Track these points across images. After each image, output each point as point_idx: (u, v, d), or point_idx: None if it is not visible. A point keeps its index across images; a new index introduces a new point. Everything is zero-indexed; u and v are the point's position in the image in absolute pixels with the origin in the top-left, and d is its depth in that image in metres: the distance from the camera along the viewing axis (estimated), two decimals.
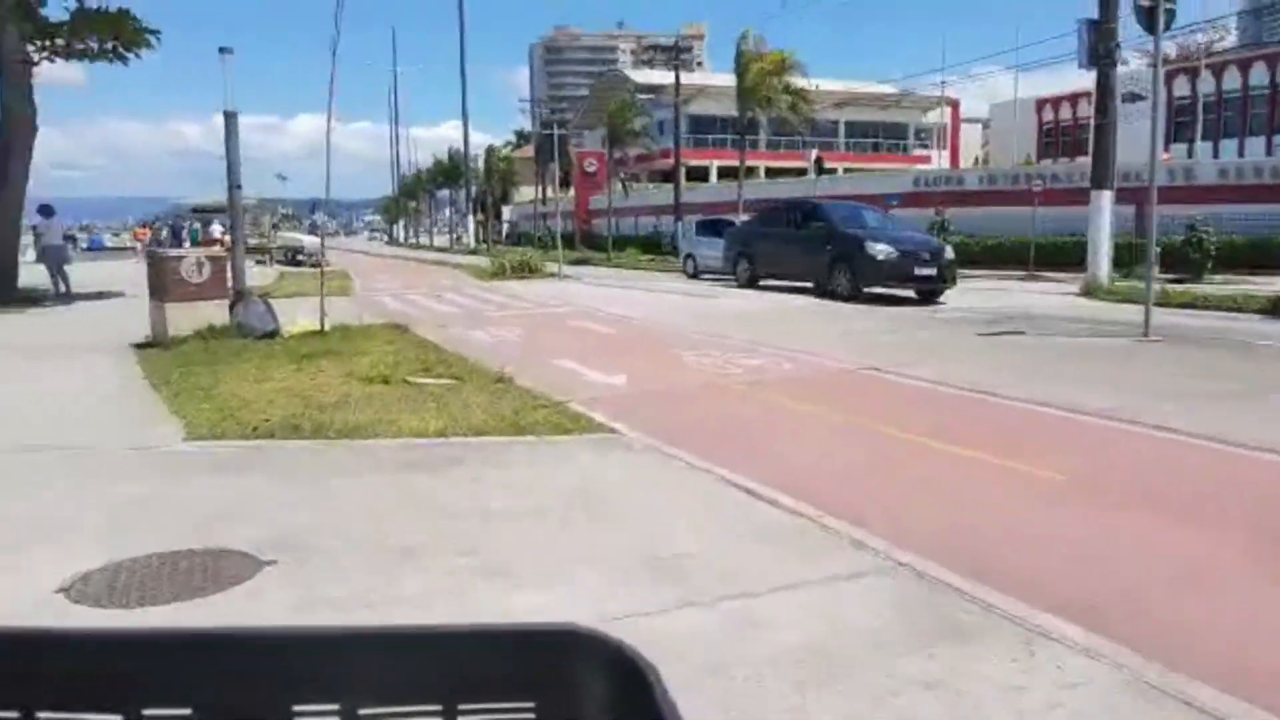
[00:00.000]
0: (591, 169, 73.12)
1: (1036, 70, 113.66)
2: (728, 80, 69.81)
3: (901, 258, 19.47)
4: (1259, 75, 55.45)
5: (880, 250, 19.48)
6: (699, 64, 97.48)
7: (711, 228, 30.38)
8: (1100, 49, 22.03)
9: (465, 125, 60.74)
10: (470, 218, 66.13)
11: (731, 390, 9.66)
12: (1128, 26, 20.37)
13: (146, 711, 0.72)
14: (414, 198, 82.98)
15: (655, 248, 58.78)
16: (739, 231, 26.40)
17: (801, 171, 65.35)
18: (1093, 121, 58.02)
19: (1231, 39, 65.94)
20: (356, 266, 38.99)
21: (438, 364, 10.55)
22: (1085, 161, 31.18)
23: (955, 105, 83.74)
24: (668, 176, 78.36)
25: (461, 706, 0.75)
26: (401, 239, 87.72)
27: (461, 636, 0.78)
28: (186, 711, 0.72)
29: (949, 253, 20.53)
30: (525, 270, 27.80)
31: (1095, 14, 21.50)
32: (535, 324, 16.31)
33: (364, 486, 5.96)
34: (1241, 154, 50.85)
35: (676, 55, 51.39)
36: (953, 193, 43.90)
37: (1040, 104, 74.61)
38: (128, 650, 0.75)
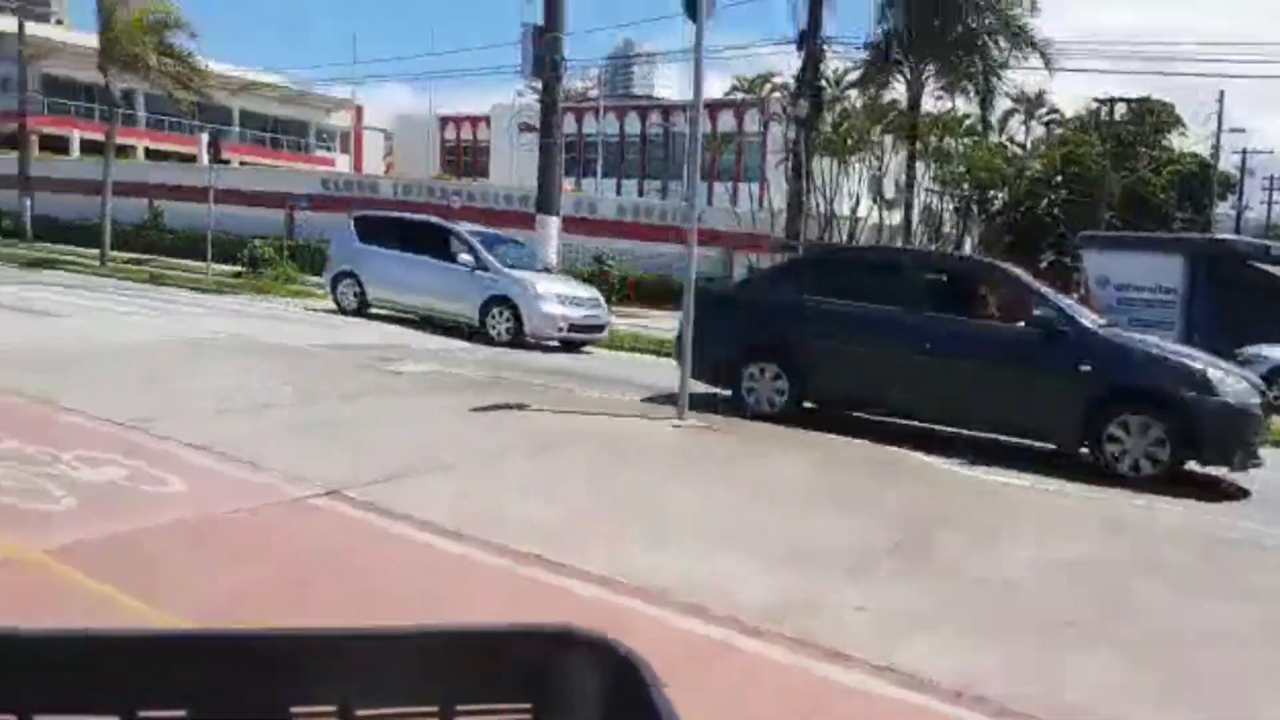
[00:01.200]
0: None
1: (445, 82, 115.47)
2: (94, 40, 58.99)
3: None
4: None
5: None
6: (58, 21, 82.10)
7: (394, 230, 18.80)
8: (547, 59, 19.68)
9: None
10: None
11: None
12: None
13: (142, 713, 0.70)
14: None
15: None
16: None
17: (189, 158, 57.14)
18: (491, 143, 56.98)
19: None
20: None
21: None
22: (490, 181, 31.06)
23: (359, 110, 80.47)
24: (10, 142, 64.18)
25: (459, 707, 0.73)
26: None
27: (458, 636, 0.76)
28: (182, 713, 0.70)
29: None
30: None
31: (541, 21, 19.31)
32: None
33: None
34: (619, 191, 54.57)
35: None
36: (365, 199, 40.62)
37: (444, 121, 74.60)
38: (124, 651, 0.73)
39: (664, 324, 17.82)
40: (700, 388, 10.09)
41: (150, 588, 3.97)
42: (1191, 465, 8.80)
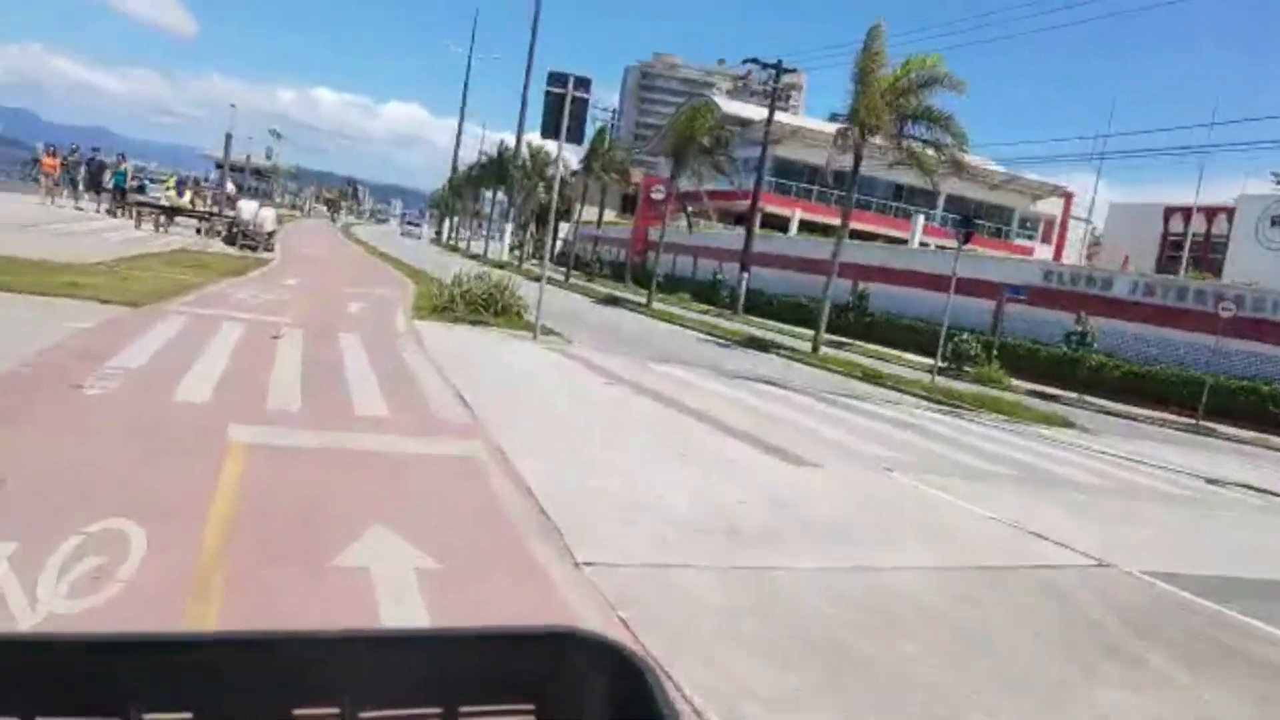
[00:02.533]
0: (658, 195, 62.72)
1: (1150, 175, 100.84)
2: (823, 126, 58.80)
3: None
4: None
5: None
6: (794, 109, 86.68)
7: None
8: None
9: (522, 113, 50.25)
10: (508, 224, 55.45)
11: None
12: None
13: (146, 715, 0.69)
14: (461, 196, 72.87)
15: (711, 297, 47.92)
16: None
17: (892, 239, 54.82)
18: (1233, 237, 44.28)
19: None
20: (302, 259, 28.52)
21: None
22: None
23: (1069, 197, 72.37)
24: (740, 220, 68.00)
25: (462, 709, 0.73)
26: (444, 238, 77.52)
27: (461, 638, 0.76)
28: (186, 716, 0.70)
29: None
30: (489, 309, 16.80)
31: None
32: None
33: None
34: None
35: (776, 78, 40.25)
36: (1095, 297, 32.91)
37: (1169, 212, 62.82)
38: (126, 654, 0.72)
39: None
40: None
41: None
42: None
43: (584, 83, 14.53)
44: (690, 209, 66.09)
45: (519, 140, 51.03)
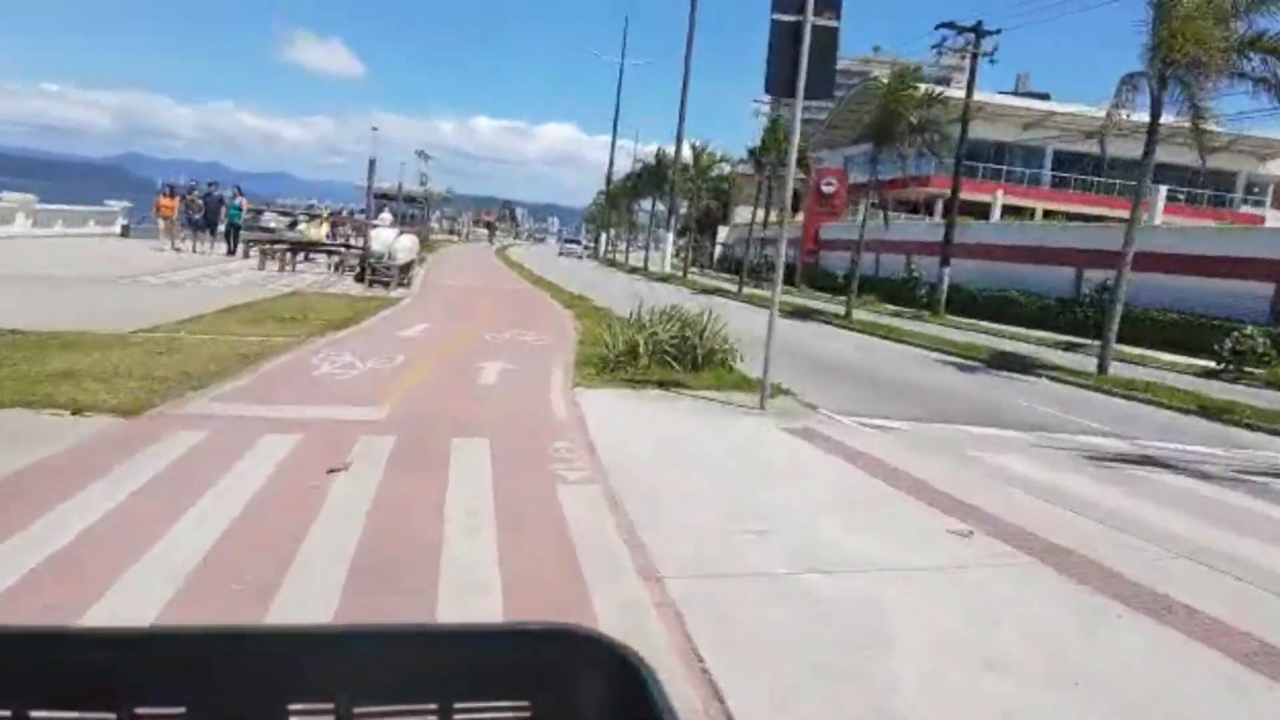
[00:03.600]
0: (829, 189, 56.14)
1: None
2: (1006, 101, 51.12)
3: None
4: None
5: None
6: (956, 86, 78.43)
7: None
8: None
9: (682, 114, 44.91)
10: (669, 234, 50.20)
11: None
12: None
13: (140, 710, 0.69)
14: (617, 207, 68.29)
15: (902, 296, 41.32)
16: None
17: (1101, 218, 46.73)
18: None
19: None
20: (442, 294, 23.89)
21: None
22: None
23: None
24: (915, 209, 60.63)
25: (457, 705, 0.71)
26: (602, 253, 73.16)
27: (457, 635, 0.75)
28: (180, 710, 0.69)
29: None
30: (684, 359, 11.14)
31: None
32: None
33: None
34: None
35: (976, 43, 33.42)
36: None
37: None
38: (121, 649, 0.70)
39: None
40: None
41: None
42: None
43: (831, 4, 8.68)
44: (872, 201, 59.44)
45: (679, 141, 45.82)
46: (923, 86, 26.61)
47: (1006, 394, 14.78)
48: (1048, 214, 51.41)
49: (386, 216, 56.64)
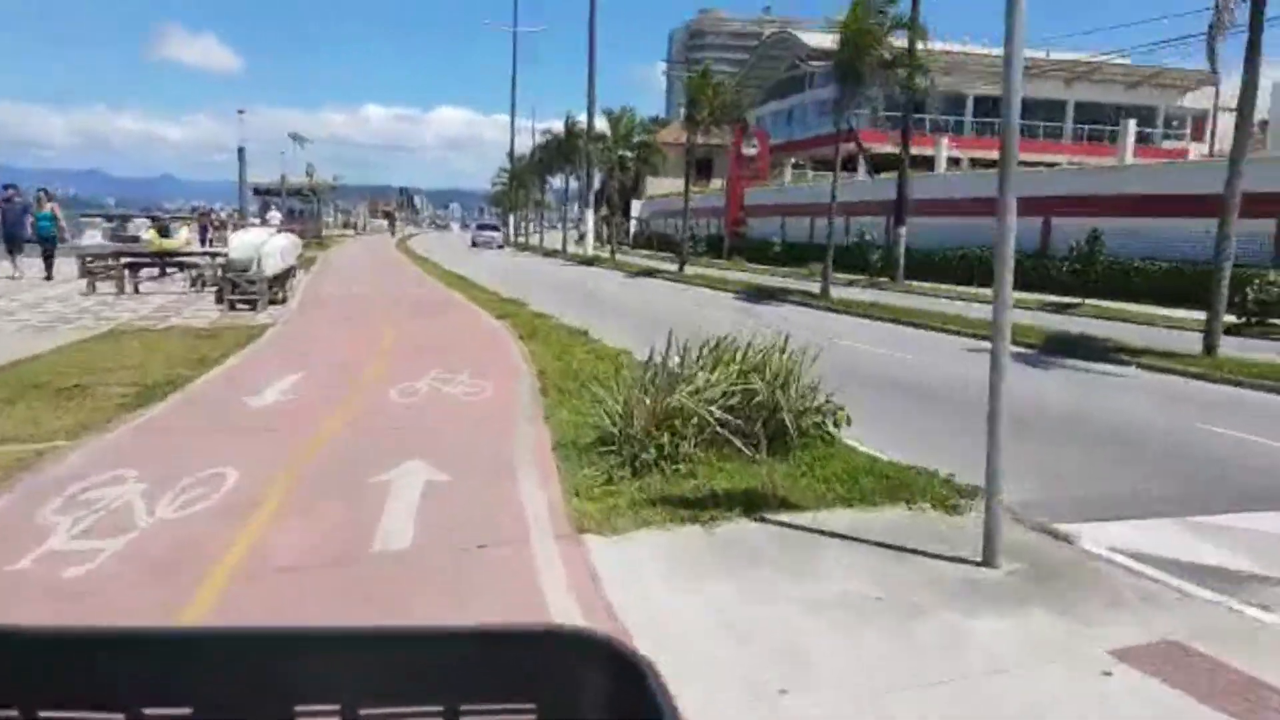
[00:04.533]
0: (750, 150, 51.49)
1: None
2: (947, 47, 48.03)
3: None
4: None
5: None
6: None
7: None
8: None
9: (591, 75, 39.20)
10: (589, 211, 44.78)
11: None
12: None
13: (147, 710, 0.67)
14: (524, 185, 62.27)
15: (852, 264, 36.84)
16: None
17: (1039, 165, 43.19)
18: None
19: None
20: (325, 314, 18.31)
21: None
22: None
23: (1215, 84, 59.08)
24: (830, 166, 56.21)
25: (463, 707, 0.70)
26: (513, 237, 66.93)
27: (463, 637, 0.73)
28: (187, 711, 0.68)
29: None
30: (755, 434, 5.81)
31: None
32: None
33: None
34: None
35: None
36: None
37: None
38: (128, 649, 0.70)
39: None
40: None
41: None
42: None
43: None
44: (794, 160, 54.81)
45: (590, 105, 40.22)
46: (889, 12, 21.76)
47: (1131, 409, 10.08)
48: (974, 163, 47.51)
49: (275, 215, 49.76)
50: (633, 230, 63.07)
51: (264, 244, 17.21)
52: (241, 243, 17.30)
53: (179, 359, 10.14)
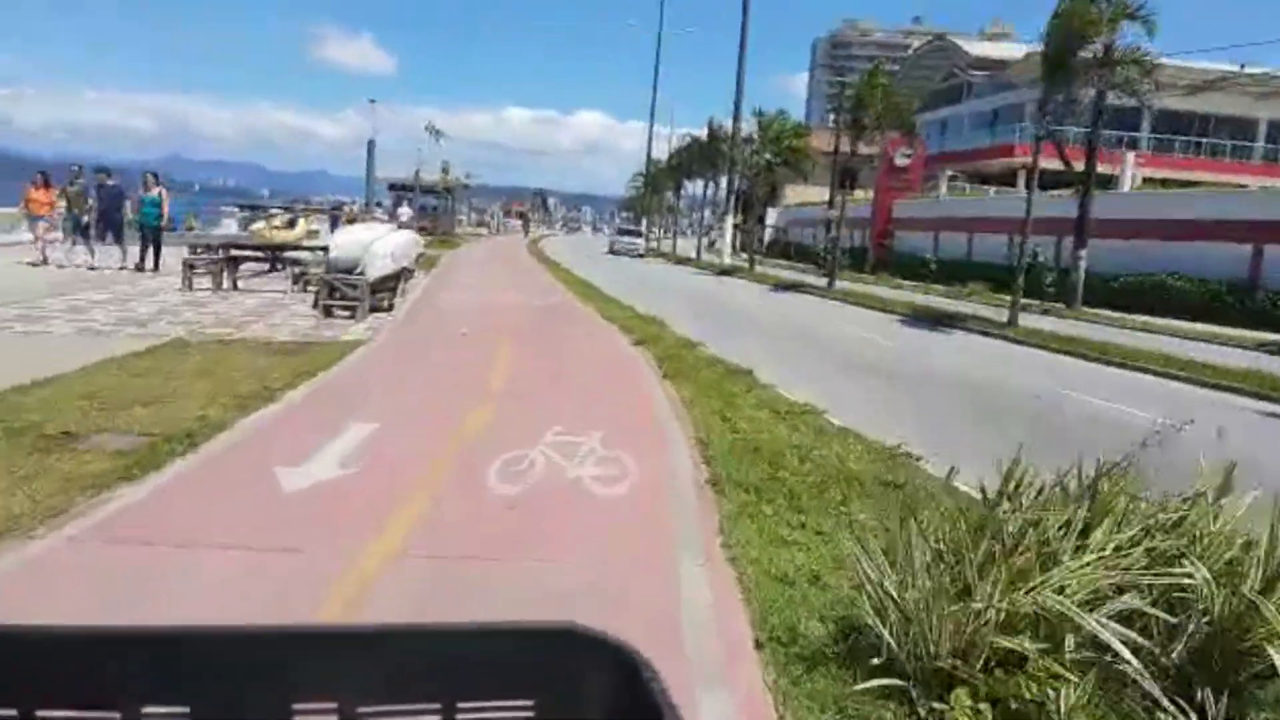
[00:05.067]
0: (904, 160, 47.38)
1: None
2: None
3: None
4: None
5: None
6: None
7: None
8: None
9: (740, 74, 36.11)
10: (729, 218, 41.67)
11: None
12: None
13: (145, 710, 0.66)
14: (660, 190, 59.49)
15: (1008, 283, 32.47)
16: None
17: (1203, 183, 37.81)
18: None
19: None
20: (435, 329, 15.73)
21: None
22: None
23: None
24: (989, 180, 51.47)
25: (460, 705, 0.69)
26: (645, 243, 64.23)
27: (460, 635, 0.72)
28: (184, 710, 0.67)
29: None
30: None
31: None
32: None
33: None
34: None
35: None
36: None
37: None
38: (126, 648, 0.68)
39: None
40: None
41: None
42: None
43: None
44: (951, 172, 50.36)
45: (737, 107, 37.10)
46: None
47: None
48: (1146, 181, 42.08)
49: (406, 210, 48.49)
50: (767, 239, 59.61)
51: (372, 243, 14.84)
52: (346, 241, 14.98)
53: (228, 388, 7.60)
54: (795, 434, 6.89)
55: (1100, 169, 39.69)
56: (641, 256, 47.38)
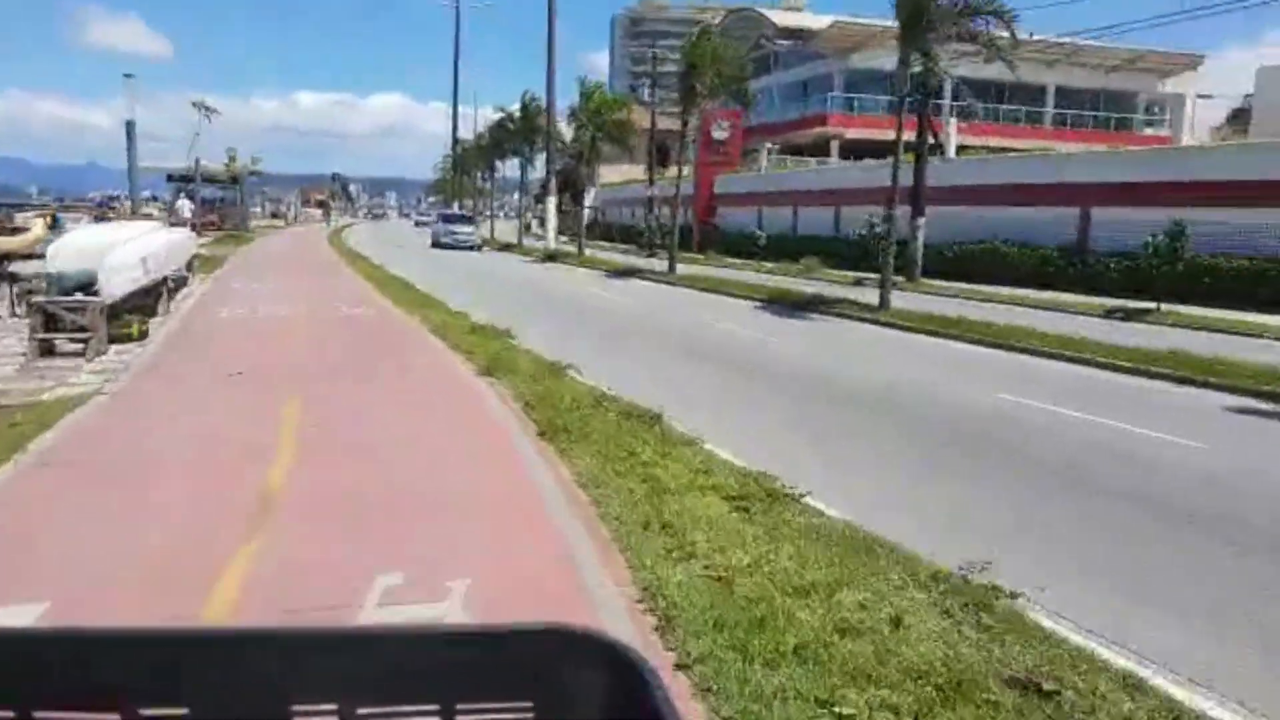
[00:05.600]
0: (722, 134, 45.68)
1: None
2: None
3: None
4: None
5: None
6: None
7: None
8: None
9: (551, 44, 32.94)
10: (550, 200, 38.53)
11: None
12: None
13: (143, 711, 0.66)
14: (469, 172, 55.43)
15: (844, 257, 31.18)
16: None
17: (1015, 151, 38.42)
18: None
19: None
20: (209, 337, 11.94)
21: None
22: None
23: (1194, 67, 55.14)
24: (801, 151, 50.83)
25: (459, 706, 0.68)
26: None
27: (459, 636, 0.72)
28: (183, 711, 0.66)
29: None
30: None
31: None
32: None
33: None
34: None
35: None
36: None
37: None
38: (124, 649, 0.68)
39: None
40: None
41: None
42: None
43: None
44: (768, 145, 49.09)
45: (550, 80, 33.92)
46: None
47: None
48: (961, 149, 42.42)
49: (186, 204, 42.24)
50: (585, 219, 56.93)
51: (111, 250, 10.89)
52: (73, 248, 10.93)
53: None
54: (781, 555, 4.07)
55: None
56: (478, 249, 39.44)
